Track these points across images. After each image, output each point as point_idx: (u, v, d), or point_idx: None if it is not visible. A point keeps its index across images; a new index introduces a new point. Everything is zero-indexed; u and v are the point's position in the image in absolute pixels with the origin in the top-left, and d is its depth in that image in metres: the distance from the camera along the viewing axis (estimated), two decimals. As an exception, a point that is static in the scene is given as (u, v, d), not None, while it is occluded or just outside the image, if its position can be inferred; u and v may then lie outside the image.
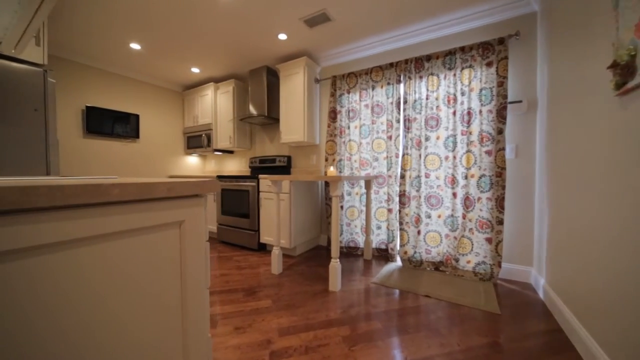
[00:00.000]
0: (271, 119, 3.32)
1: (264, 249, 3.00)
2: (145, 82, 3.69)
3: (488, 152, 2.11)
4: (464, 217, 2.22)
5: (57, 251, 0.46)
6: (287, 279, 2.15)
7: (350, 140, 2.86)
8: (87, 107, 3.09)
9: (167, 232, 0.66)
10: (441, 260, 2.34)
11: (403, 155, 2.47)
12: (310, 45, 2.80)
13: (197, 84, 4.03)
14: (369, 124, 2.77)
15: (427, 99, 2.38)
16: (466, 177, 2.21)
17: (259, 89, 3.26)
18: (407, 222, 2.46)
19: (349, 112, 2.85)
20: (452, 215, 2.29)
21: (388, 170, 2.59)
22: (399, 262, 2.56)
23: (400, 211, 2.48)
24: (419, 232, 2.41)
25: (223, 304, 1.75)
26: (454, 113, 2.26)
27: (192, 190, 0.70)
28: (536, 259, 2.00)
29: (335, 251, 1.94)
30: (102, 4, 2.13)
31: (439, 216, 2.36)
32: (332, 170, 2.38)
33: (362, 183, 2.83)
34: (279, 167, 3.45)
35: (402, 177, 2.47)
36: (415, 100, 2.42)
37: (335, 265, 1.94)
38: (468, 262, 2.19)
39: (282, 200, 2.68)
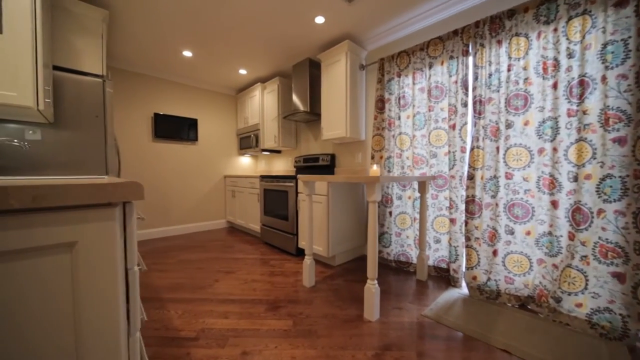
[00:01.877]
0: (315, 115, 3.09)
1: (303, 254, 2.79)
2: (201, 88, 3.97)
3: (618, 141, 1.36)
4: (571, 237, 1.50)
5: None
6: (318, 295, 1.86)
7: (400, 134, 2.37)
8: (155, 114, 3.47)
9: (43, 260, 0.45)
10: (530, 294, 1.66)
11: (472, 149, 1.87)
12: (351, 26, 2.43)
13: (247, 86, 4.13)
14: (424, 112, 2.23)
15: (509, 70, 1.73)
16: (576, 179, 1.49)
17: (302, 84, 3.07)
18: (478, 238, 1.85)
19: (399, 99, 2.37)
20: (549, 234, 1.59)
21: (450, 168, 2.02)
22: (464, 289, 1.96)
23: (467, 223, 1.89)
24: (495, 253, 1.78)
25: (240, 317, 1.57)
26: (554, 85, 1.56)
27: (93, 197, 0.48)
28: None
29: (372, 271, 1.55)
30: (153, 17, 2.26)
31: (528, 233, 1.68)
32: (374, 169, 1.98)
33: (416, 185, 2.31)
34: (322, 166, 3.19)
35: (471, 177, 1.87)
36: (490, 75, 1.80)
37: (372, 289, 1.55)
38: (578, 305, 1.47)
39: (320, 203, 2.40)
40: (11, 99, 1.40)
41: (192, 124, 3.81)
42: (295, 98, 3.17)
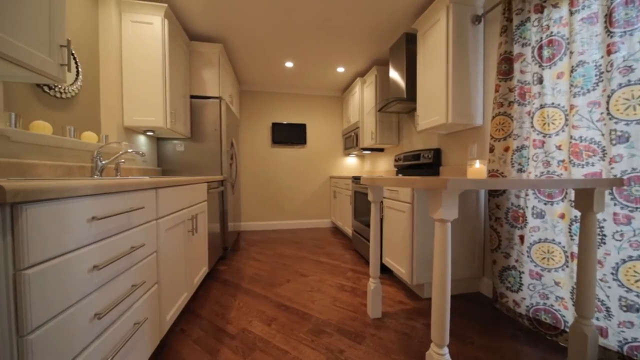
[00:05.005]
0: (415, 101, 2.50)
1: (386, 271, 2.29)
2: (307, 94, 4.24)
3: None
4: None
5: None
6: (377, 334, 1.42)
7: (543, 107, 1.42)
8: (273, 123, 4.06)
9: None
10: None
11: None
12: (454, -35, 1.72)
13: (348, 85, 4.00)
14: (596, 60, 1.20)
15: None
16: None
17: (398, 66, 2.57)
18: None
19: (540, 49, 1.42)
20: None
21: (668, 164, 0.96)
22: None
23: None
24: None
25: (280, 330, 1.45)
26: None
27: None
28: None
29: (439, 333, 0.96)
30: (256, 41, 2.61)
31: None
32: (476, 167, 1.33)
33: (574, 195, 1.29)
34: (424, 164, 2.53)
35: None
36: None
37: None
38: None
39: (402, 212, 1.87)
40: (152, 122, 1.99)
41: (301, 129, 4.16)
42: (392, 85, 2.70)
